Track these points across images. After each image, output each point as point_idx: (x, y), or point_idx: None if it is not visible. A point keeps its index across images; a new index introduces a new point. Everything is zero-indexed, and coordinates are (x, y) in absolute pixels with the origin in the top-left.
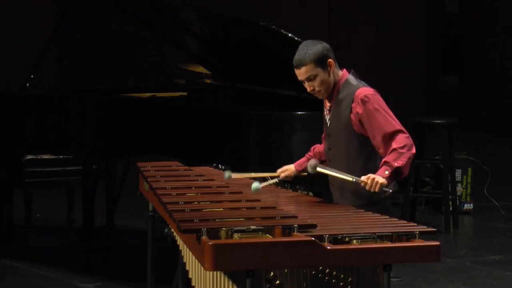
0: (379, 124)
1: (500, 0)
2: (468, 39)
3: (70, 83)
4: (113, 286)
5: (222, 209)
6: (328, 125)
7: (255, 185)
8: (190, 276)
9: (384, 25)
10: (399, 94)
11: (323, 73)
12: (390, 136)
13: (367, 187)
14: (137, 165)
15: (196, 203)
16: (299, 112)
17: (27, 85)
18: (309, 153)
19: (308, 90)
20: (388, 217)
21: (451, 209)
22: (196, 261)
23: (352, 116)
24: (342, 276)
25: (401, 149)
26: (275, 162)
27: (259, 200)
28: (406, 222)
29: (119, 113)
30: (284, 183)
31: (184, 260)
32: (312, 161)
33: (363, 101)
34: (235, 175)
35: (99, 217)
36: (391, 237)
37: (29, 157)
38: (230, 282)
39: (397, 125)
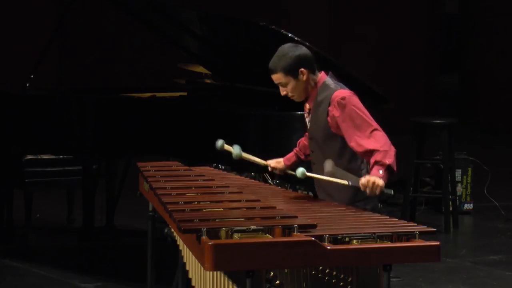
0: (355, 124)
1: (500, 0)
2: (468, 39)
3: (70, 83)
4: (113, 286)
5: (222, 209)
6: (309, 127)
7: (220, 142)
8: (190, 276)
9: (384, 25)
10: (399, 94)
11: (294, 81)
12: (367, 135)
13: (367, 192)
14: (137, 165)
15: (196, 203)
16: (299, 112)
17: (27, 85)
18: (296, 148)
19: (282, 94)
20: (388, 217)
21: (451, 209)
22: (196, 261)
23: (329, 119)
24: (342, 276)
25: (383, 147)
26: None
27: (259, 200)
28: (406, 222)
29: (119, 113)
30: (284, 182)
31: (184, 260)
32: (329, 165)
33: (340, 104)
34: (227, 147)
35: (99, 217)
36: (391, 237)
37: (29, 157)
38: (230, 282)
39: (374, 124)
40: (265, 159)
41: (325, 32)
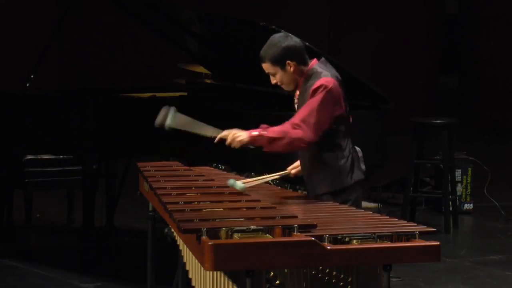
0: (306, 107)
1: (500, 0)
2: (468, 39)
3: (70, 83)
4: (113, 286)
5: (222, 209)
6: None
7: (232, 181)
8: (190, 276)
9: (384, 25)
10: (399, 94)
11: (281, 72)
12: (300, 121)
13: (226, 141)
14: (137, 165)
15: (196, 203)
16: None
17: (27, 85)
18: None
19: (272, 83)
20: (388, 217)
21: (451, 209)
22: (196, 261)
23: None
24: (342, 276)
25: (286, 130)
26: (276, 162)
27: (259, 200)
28: (406, 222)
29: (119, 113)
30: (284, 182)
31: (184, 260)
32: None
33: (313, 90)
34: (246, 181)
35: (99, 217)
36: (391, 237)
37: (29, 157)
38: (230, 282)
39: (314, 121)
40: (266, 159)
41: (325, 31)
